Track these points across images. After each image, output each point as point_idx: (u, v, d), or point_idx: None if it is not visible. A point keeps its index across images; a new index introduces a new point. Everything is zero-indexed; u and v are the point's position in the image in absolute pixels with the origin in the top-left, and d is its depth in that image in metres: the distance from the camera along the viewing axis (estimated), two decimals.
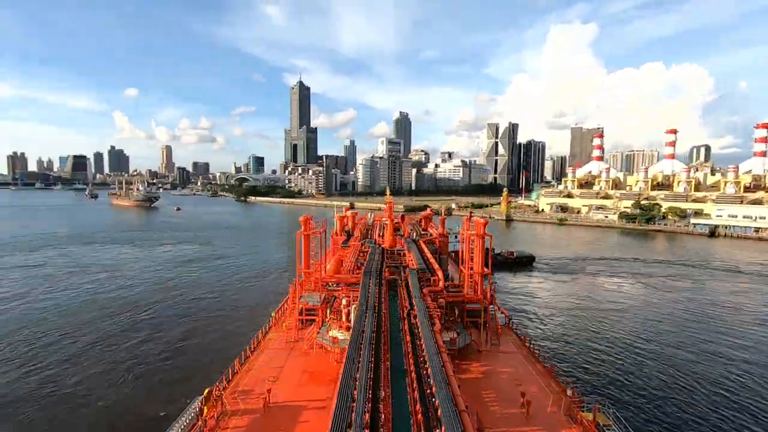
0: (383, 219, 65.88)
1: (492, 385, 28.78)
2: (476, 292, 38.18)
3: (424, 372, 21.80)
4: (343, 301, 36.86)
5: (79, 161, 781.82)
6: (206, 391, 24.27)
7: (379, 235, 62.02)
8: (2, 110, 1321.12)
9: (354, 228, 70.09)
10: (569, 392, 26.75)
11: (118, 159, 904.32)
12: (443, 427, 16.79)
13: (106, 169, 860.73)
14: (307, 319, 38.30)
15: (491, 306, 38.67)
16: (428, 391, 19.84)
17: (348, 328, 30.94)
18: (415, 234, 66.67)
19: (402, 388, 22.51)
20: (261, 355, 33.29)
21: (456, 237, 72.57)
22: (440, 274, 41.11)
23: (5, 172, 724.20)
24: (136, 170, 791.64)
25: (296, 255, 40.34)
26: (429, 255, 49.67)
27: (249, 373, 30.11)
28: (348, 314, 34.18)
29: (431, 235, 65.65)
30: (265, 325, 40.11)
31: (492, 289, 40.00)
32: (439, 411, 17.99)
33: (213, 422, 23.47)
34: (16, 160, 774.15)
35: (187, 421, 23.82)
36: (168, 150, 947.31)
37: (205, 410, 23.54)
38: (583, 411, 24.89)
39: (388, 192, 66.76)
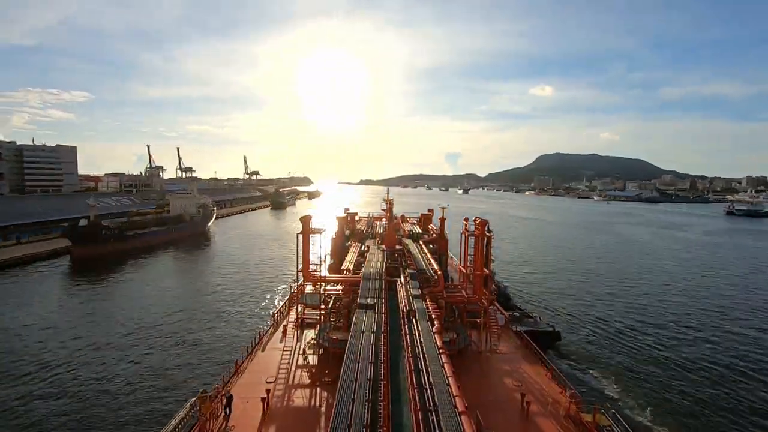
0: (383, 219, 65.69)
1: (492, 386, 28.65)
2: (476, 293, 38.05)
3: (424, 373, 21.67)
4: (343, 302, 36.75)
5: None
6: (203, 391, 24.11)
7: (378, 235, 61.78)
8: None
9: (353, 228, 69.86)
10: (569, 393, 26.63)
11: None
12: (443, 429, 16.66)
13: None
14: (307, 320, 38.14)
15: (491, 307, 38.55)
16: (428, 392, 19.70)
17: (347, 329, 30.80)
18: (415, 234, 66.41)
19: (402, 388, 22.38)
20: (260, 355, 33.16)
21: None
22: (440, 274, 40.95)
23: None
24: None
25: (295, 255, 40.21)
26: (429, 255, 49.49)
27: (247, 374, 29.99)
28: (347, 315, 34.04)
29: (431, 235, 65.37)
30: (265, 326, 39.95)
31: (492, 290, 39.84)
32: (439, 412, 17.87)
33: (210, 424, 23.31)
34: None
35: (184, 423, 23.65)
36: None
37: (202, 411, 23.37)
38: (583, 412, 24.77)
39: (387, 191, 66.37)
